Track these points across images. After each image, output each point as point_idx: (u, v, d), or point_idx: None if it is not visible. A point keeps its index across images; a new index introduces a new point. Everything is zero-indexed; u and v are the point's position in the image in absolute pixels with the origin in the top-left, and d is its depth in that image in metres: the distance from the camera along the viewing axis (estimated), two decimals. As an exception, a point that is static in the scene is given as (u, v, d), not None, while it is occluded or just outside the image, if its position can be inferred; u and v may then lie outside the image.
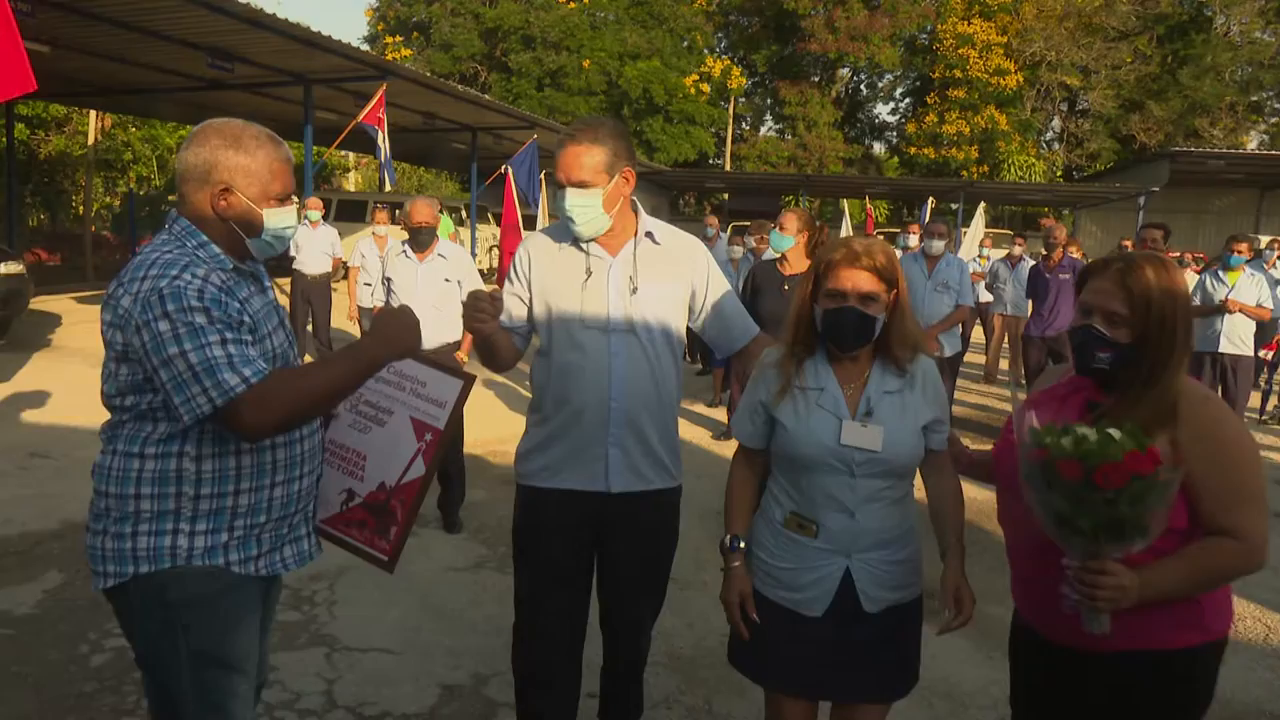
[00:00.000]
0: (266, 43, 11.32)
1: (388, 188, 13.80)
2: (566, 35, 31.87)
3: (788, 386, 2.04)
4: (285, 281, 9.77)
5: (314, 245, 9.31)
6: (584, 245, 2.38)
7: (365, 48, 17.58)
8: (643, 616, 2.59)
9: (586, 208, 2.28)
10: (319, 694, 3.15)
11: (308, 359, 9.39)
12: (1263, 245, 11.88)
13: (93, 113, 20.24)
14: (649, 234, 2.42)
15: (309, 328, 9.53)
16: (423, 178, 36.13)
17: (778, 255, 4.62)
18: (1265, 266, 10.17)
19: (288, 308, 10.07)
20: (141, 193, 23.60)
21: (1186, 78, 31.24)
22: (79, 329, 9.86)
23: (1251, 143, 32.95)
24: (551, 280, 2.39)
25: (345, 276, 9.96)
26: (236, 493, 1.78)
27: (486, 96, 18.57)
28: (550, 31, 31.90)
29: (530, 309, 2.44)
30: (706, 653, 3.56)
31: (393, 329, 1.90)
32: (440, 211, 5.32)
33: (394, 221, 12.22)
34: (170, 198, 24.52)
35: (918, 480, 2.13)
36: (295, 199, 1.92)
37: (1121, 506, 1.52)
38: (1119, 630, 1.68)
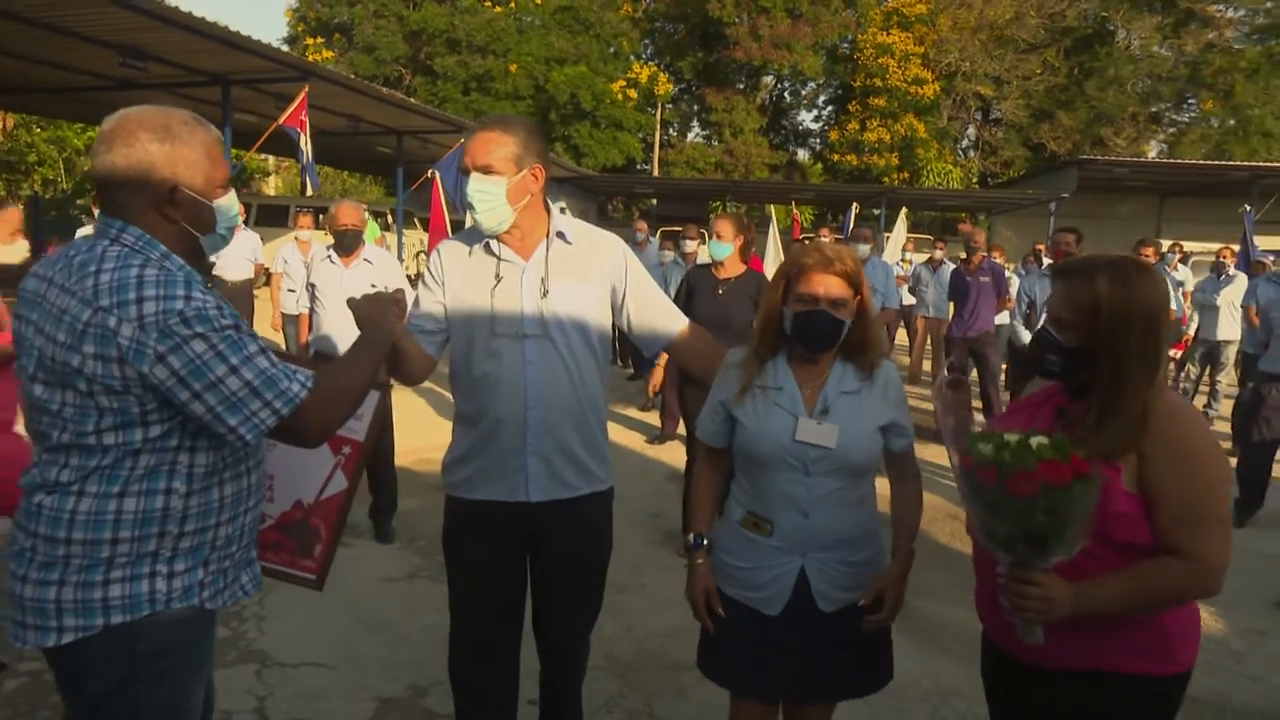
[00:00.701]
0: (181, 41, 10.96)
1: (310, 192, 13.47)
2: (493, 39, 31.64)
3: (748, 385, 2.08)
4: (204, 288, 9.46)
5: (234, 251, 9.06)
6: (495, 249, 2.31)
7: (285, 49, 17.15)
8: (578, 623, 2.56)
9: (489, 195, 2.20)
10: (250, 712, 3.06)
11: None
12: (1164, 249, 12.49)
13: (-7, 112, 19.37)
14: (560, 234, 2.34)
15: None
16: (346, 182, 35.45)
17: (712, 261, 4.68)
18: (1168, 269, 10.71)
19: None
20: (47, 196, 22.59)
21: (1092, 89, 32.63)
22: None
23: (1152, 151, 34.57)
24: (463, 286, 2.31)
25: (267, 283, 9.72)
26: (217, 525, 1.67)
27: (412, 100, 18.31)
28: (476, 35, 31.63)
29: (445, 315, 2.36)
30: (646, 655, 3.57)
31: (377, 312, 1.87)
32: (366, 216, 5.23)
33: (318, 226, 11.98)
34: (79, 201, 23.54)
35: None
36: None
37: (1036, 516, 1.49)
38: (1077, 648, 1.67)
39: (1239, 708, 3.40)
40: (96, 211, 1.67)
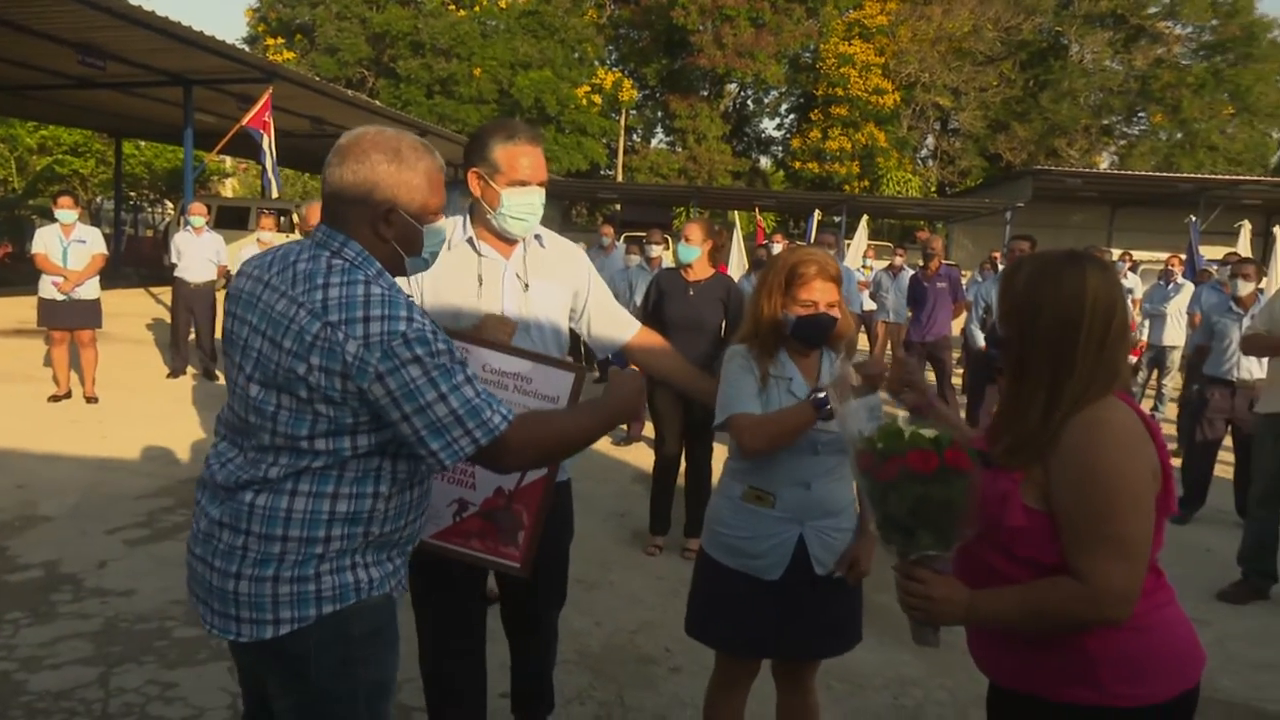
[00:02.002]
0: (142, 40, 10.84)
1: (273, 194, 13.35)
2: (457, 43, 31.54)
3: (766, 376, 2.30)
4: (165, 290, 9.37)
5: (197, 252, 8.97)
6: (477, 246, 2.36)
7: (245, 49, 16.98)
8: (543, 610, 2.62)
9: (540, 206, 2.33)
10: (224, 708, 3.08)
11: (190, 371, 9.07)
12: (1115, 257, 12.86)
13: (-58, 110, 18.93)
14: (537, 237, 2.43)
15: (191, 338, 9.17)
16: (308, 184, 35.06)
17: (680, 264, 4.78)
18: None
19: (168, 317, 9.67)
20: (-2, 195, 22.09)
21: (1046, 101, 33.39)
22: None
23: (1104, 162, 35.46)
24: (445, 281, 2.33)
25: (229, 284, 9.64)
26: (406, 525, 1.76)
27: (376, 102, 18.22)
28: (440, 38, 31.52)
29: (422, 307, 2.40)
30: (615, 649, 3.65)
31: (629, 390, 1.86)
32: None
33: (279, 229, 11.87)
34: (31, 202, 23.04)
35: None
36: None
37: (901, 502, 1.48)
38: (1012, 667, 1.62)
39: (1181, 693, 3.56)
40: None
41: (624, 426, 7.54)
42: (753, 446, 2.22)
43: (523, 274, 2.39)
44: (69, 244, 7.44)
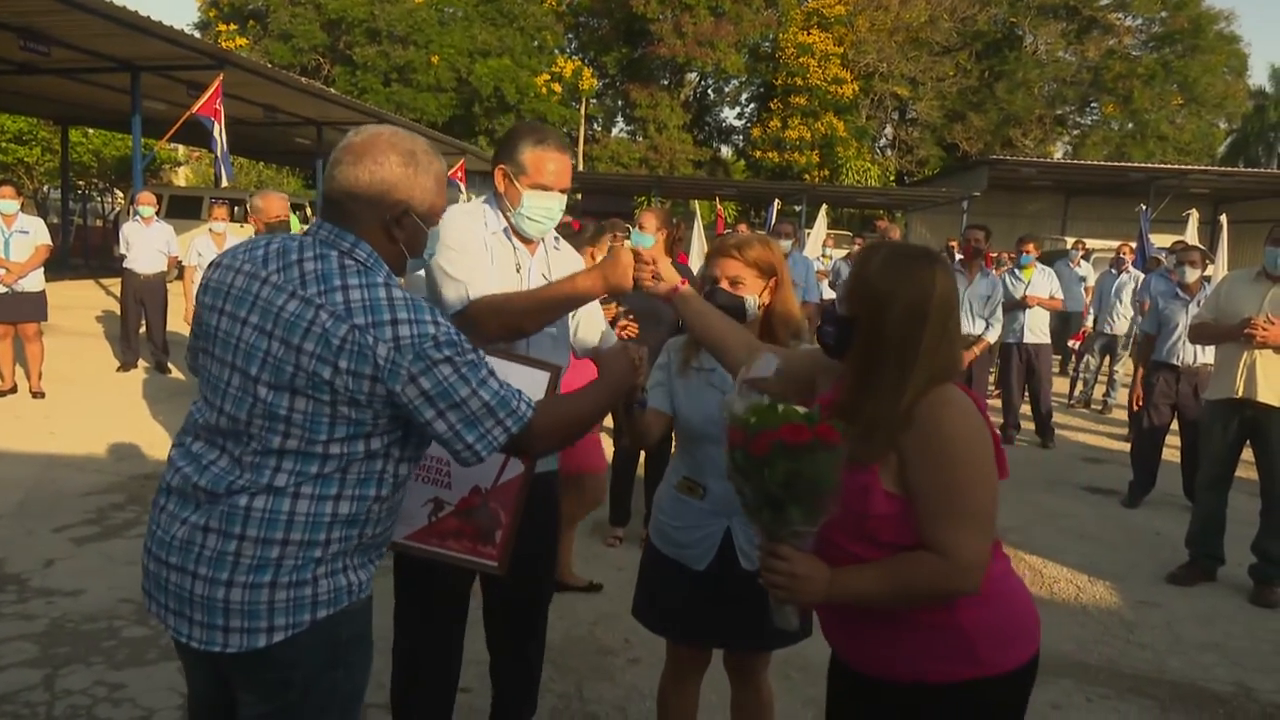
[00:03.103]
0: (86, 24, 10.52)
1: (225, 183, 13.09)
2: (414, 30, 31.12)
3: (686, 365, 2.33)
4: (115, 282, 9.15)
5: (147, 243, 8.78)
6: (511, 239, 2.41)
7: (196, 35, 16.60)
8: (542, 600, 2.63)
9: (558, 212, 2.37)
10: (173, 709, 3.02)
11: (142, 364, 8.88)
12: (1068, 245, 13.08)
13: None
14: (555, 236, 2.55)
15: (142, 330, 8.97)
16: (262, 173, 34.44)
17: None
18: (1071, 265, 11.23)
19: (118, 309, 9.45)
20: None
21: (1002, 91, 33.84)
22: None
23: (1057, 152, 36.05)
24: (495, 263, 2.36)
25: (180, 276, 9.44)
26: (389, 527, 1.77)
27: (331, 90, 17.94)
28: (397, 25, 31.06)
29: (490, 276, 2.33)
30: (575, 642, 3.64)
31: (622, 366, 1.97)
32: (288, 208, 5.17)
33: (232, 218, 11.64)
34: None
35: None
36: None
37: (773, 475, 1.50)
38: (885, 657, 1.65)
39: (1128, 672, 3.64)
40: (318, 220, 1.70)
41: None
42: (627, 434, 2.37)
43: (548, 273, 2.46)
44: (11, 235, 7.23)
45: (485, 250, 2.32)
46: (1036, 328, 7.64)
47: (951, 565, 1.54)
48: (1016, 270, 7.82)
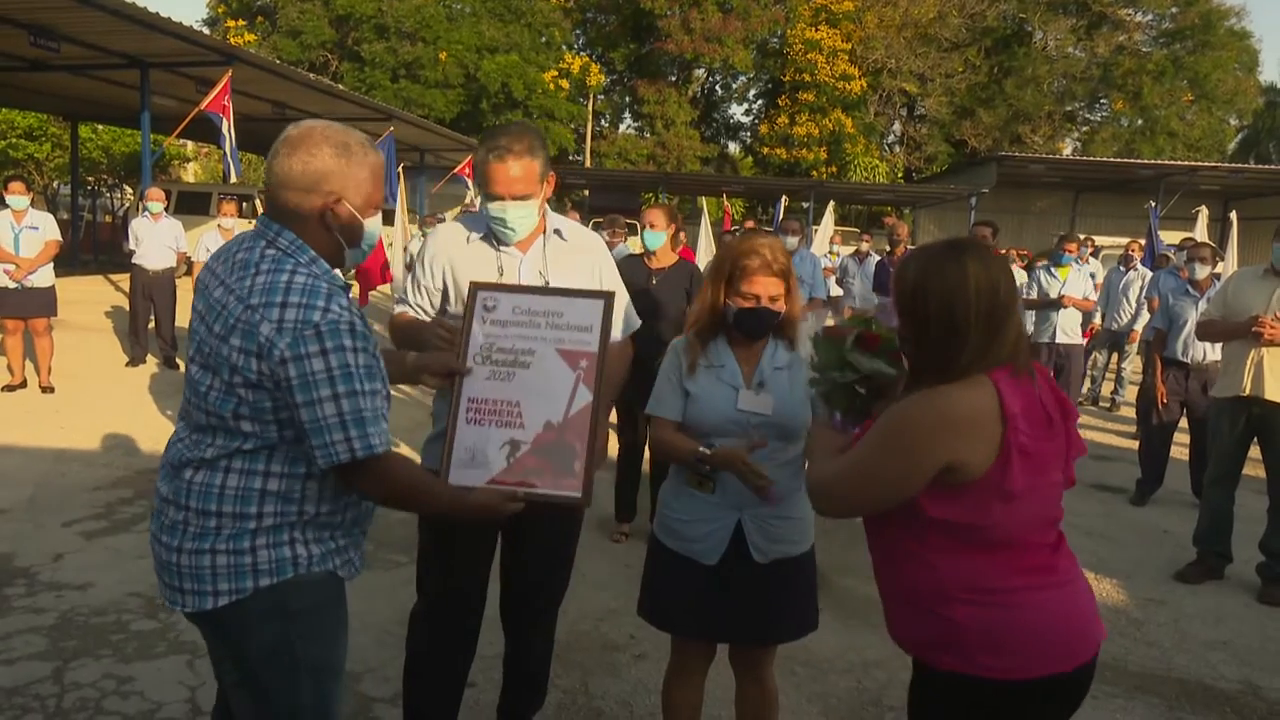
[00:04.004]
0: (96, 21, 10.55)
1: (234, 179, 13.13)
2: (422, 26, 31.11)
3: (695, 364, 2.34)
4: (124, 277, 9.19)
5: (156, 239, 8.81)
6: (493, 243, 2.43)
7: (204, 31, 16.63)
8: (554, 593, 2.66)
9: (527, 218, 2.37)
10: (182, 702, 3.04)
11: (151, 360, 8.91)
12: (1079, 242, 13.00)
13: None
14: (557, 231, 2.51)
15: (151, 326, 9.01)
16: (270, 169, 34.49)
17: (647, 251, 4.74)
18: (1079, 261, 11.16)
19: (127, 305, 9.49)
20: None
21: (1011, 87, 33.68)
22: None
23: (1067, 149, 35.88)
24: (463, 274, 2.40)
25: (189, 272, 9.48)
26: (346, 507, 1.81)
27: (340, 86, 17.96)
28: (405, 22, 31.06)
29: (442, 301, 2.46)
30: (581, 636, 3.65)
31: (476, 503, 1.99)
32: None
33: (241, 214, 11.70)
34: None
35: None
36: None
37: (855, 368, 1.83)
38: (900, 629, 1.78)
39: (1135, 669, 3.63)
40: (260, 212, 1.80)
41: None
42: (655, 450, 2.40)
43: (544, 270, 2.45)
44: (20, 230, 7.27)
45: (441, 269, 2.43)
46: (1069, 328, 7.47)
47: (819, 473, 1.77)
48: (1052, 269, 7.68)
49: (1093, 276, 10.92)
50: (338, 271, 1.79)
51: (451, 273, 2.43)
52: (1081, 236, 8.59)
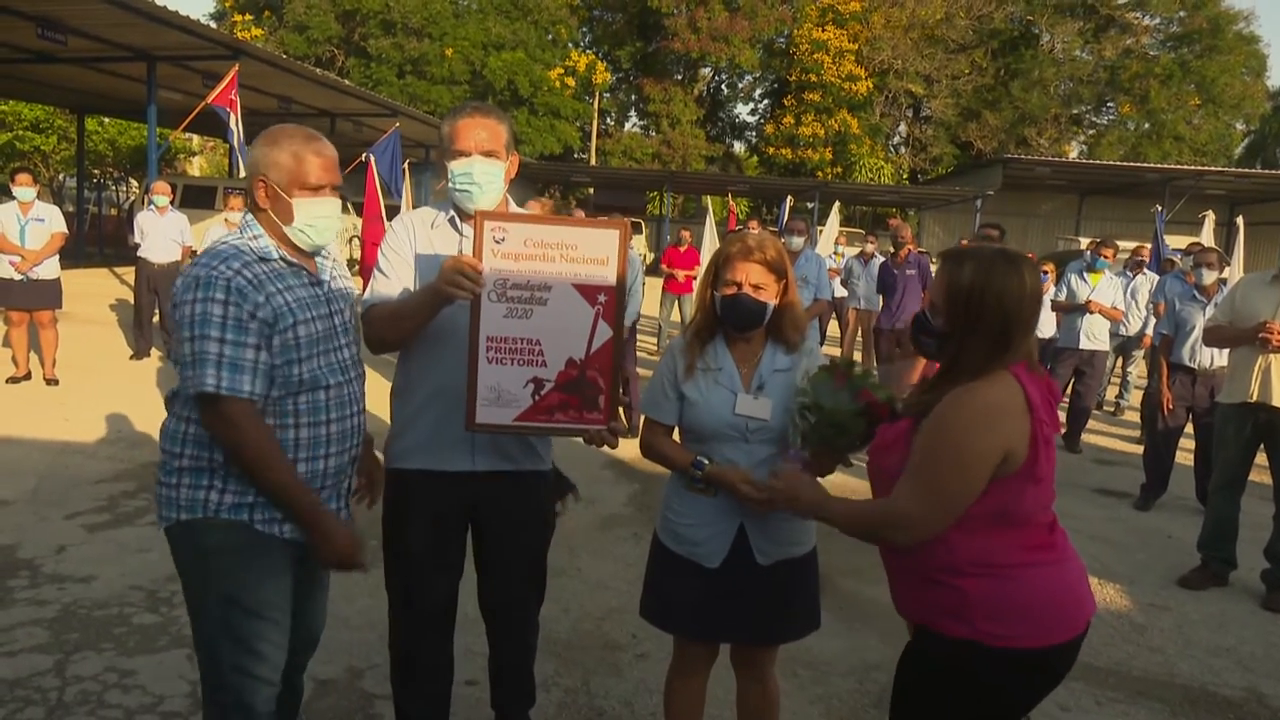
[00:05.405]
0: (103, 14, 10.58)
1: (241, 173, 13.14)
2: (429, 22, 31.14)
3: (693, 366, 2.29)
4: (129, 270, 9.20)
5: (161, 232, 8.82)
6: (458, 226, 2.38)
7: (211, 25, 16.66)
8: (526, 599, 2.63)
9: (495, 176, 2.30)
10: (184, 696, 3.03)
11: (155, 353, 8.92)
12: (1083, 246, 13.00)
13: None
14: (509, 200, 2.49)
15: (155, 319, 9.02)
16: (275, 164, 34.50)
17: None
18: (1114, 270, 11.10)
19: (132, 298, 9.50)
20: (-46, 172, 21.56)
21: (1017, 90, 33.63)
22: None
23: (1073, 152, 35.81)
24: (426, 260, 2.35)
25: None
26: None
27: (346, 82, 17.97)
28: (411, 17, 31.08)
29: (409, 289, 2.37)
30: (582, 636, 3.64)
31: (336, 540, 2.05)
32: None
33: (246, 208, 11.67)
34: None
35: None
36: (334, 191, 2.08)
37: (837, 416, 1.99)
38: (906, 599, 1.87)
39: (1138, 675, 3.62)
40: (231, 202, 2.16)
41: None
42: (645, 454, 2.37)
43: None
44: (27, 222, 7.28)
45: (408, 257, 2.35)
46: (1095, 333, 7.38)
47: (893, 513, 1.76)
48: (1084, 274, 7.56)
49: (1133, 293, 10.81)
50: (273, 245, 2.00)
51: (418, 260, 2.34)
52: (1087, 240, 8.53)
